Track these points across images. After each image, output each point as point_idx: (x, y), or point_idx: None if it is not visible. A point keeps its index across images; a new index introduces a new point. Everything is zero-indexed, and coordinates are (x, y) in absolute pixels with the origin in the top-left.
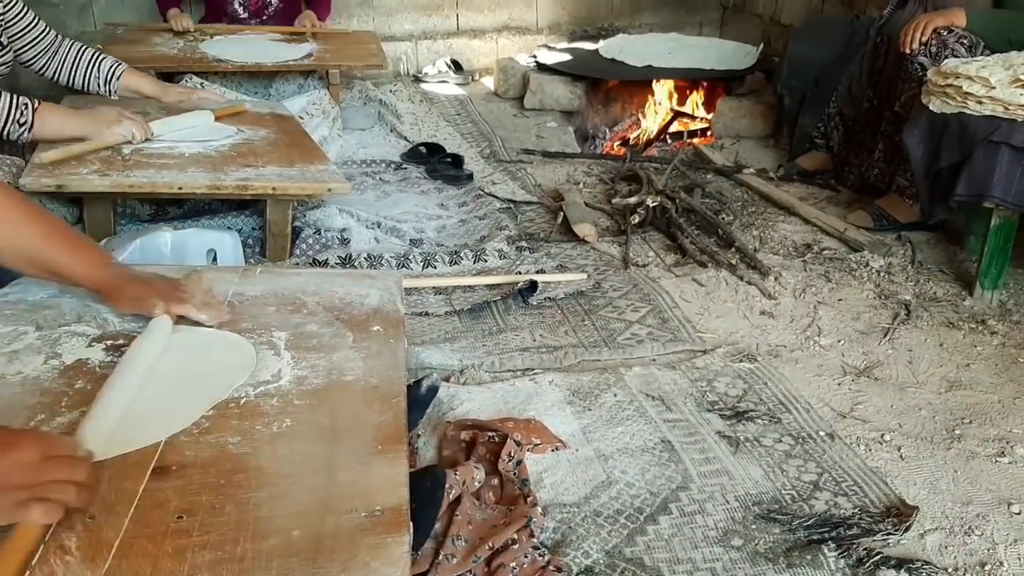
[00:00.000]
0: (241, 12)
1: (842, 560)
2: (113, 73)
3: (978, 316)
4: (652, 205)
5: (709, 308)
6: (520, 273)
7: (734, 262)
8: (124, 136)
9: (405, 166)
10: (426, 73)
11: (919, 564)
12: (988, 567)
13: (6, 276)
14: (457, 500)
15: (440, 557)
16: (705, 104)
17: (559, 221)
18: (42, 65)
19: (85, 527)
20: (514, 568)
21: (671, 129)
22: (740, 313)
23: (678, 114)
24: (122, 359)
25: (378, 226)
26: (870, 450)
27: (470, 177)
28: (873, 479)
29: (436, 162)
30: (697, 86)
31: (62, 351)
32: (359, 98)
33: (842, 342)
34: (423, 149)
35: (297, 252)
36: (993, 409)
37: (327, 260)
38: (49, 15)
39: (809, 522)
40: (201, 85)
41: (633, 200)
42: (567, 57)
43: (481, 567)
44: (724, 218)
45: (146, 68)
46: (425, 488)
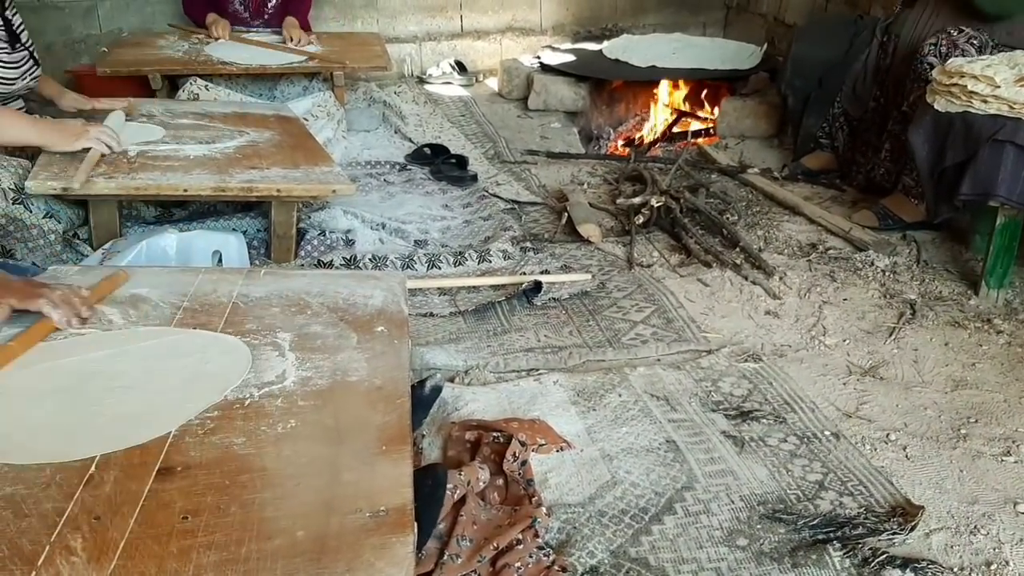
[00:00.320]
0: (242, 12)
1: (847, 560)
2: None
3: (984, 315)
4: (656, 205)
5: (714, 308)
6: (524, 274)
7: (739, 262)
8: (95, 147)
9: (409, 167)
10: (430, 74)
11: (925, 564)
12: (994, 566)
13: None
14: (462, 500)
15: (445, 557)
16: (709, 104)
17: (563, 222)
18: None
19: (91, 528)
20: (519, 568)
21: (675, 129)
22: (745, 313)
23: (682, 114)
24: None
25: (383, 227)
26: (875, 450)
27: (474, 178)
28: (878, 479)
29: (440, 163)
30: (701, 86)
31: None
32: (363, 100)
33: (847, 341)
34: (427, 150)
35: (302, 253)
36: (999, 408)
37: (332, 261)
38: (54, 18)
39: (814, 522)
40: (206, 87)
41: (637, 200)
42: (571, 58)
43: (486, 567)
44: (728, 218)
45: (152, 71)
46: (426, 487)
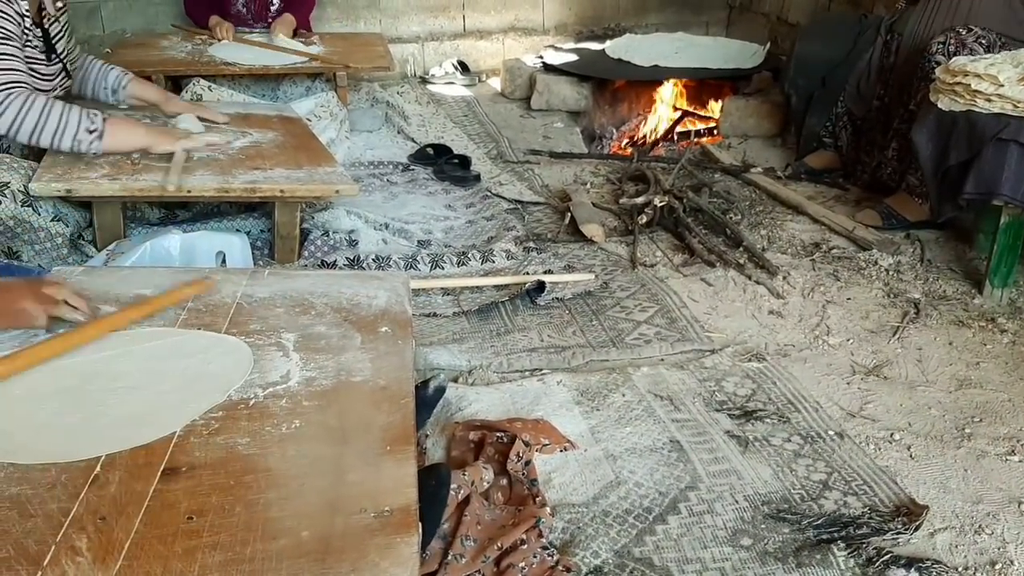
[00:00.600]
0: (245, 14)
1: (852, 560)
2: (120, 82)
3: (988, 314)
4: (660, 205)
5: (717, 308)
6: (528, 274)
7: (742, 261)
8: (198, 146)
9: (412, 167)
10: (433, 74)
11: (929, 563)
12: (999, 566)
13: (18, 276)
14: (466, 500)
15: (449, 557)
16: (712, 103)
17: (566, 221)
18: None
19: (96, 528)
20: (523, 568)
21: (678, 129)
22: (748, 312)
23: (685, 113)
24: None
25: (386, 227)
26: (880, 449)
27: (477, 178)
28: (883, 478)
29: (443, 163)
30: (704, 85)
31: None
32: (366, 100)
33: (851, 341)
34: (430, 150)
35: (305, 254)
36: (1003, 408)
37: (335, 262)
38: None
39: (819, 521)
40: (209, 88)
41: (640, 200)
42: (573, 57)
43: (490, 567)
44: (732, 217)
45: (155, 71)
46: (430, 487)
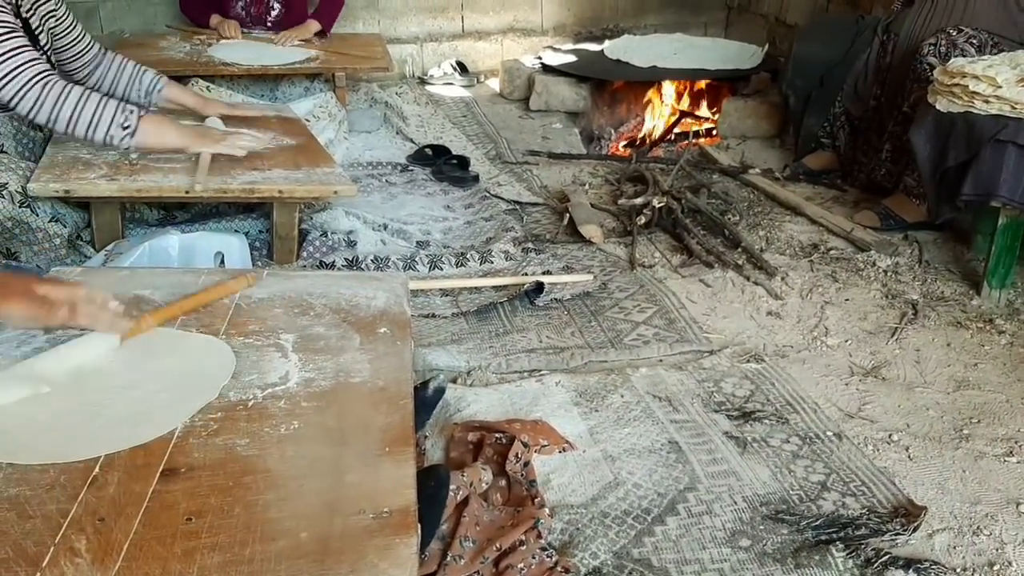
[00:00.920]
0: (244, 18)
1: (850, 560)
2: (155, 86)
3: (986, 315)
4: (658, 206)
5: (716, 309)
6: (526, 274)
7: (740, 262)
8: (235, 152)
9: (411, 168)
10: (432, 75)
11: (927, 564)
12: (997, 567)
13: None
14: (465, 501)
15: (448, 558)
16: (710, 104)
17: (565, 222)
18: (84, 76)
19: (95, 529)
20: (522, 569)
21: (676, 130)
22: (747, 313)
23: (684, 114)
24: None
25: (384, 228)
26: (878, 450)
27: (476, 179)
28: (881, 479)
29: (442, 164)
30: (703, 86)
31: None
32: (365, 100)
33: (849, 342)
34: (429, 151)
35: (304, 254)
36: (1001, 409)
37: (334, 262)
38: None
39: (817, 522)
40: (207, 88)
41: (639, 201)
42: (572, 58)
43: (489, 568)
44: (730, 218)
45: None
46: (429, 488)
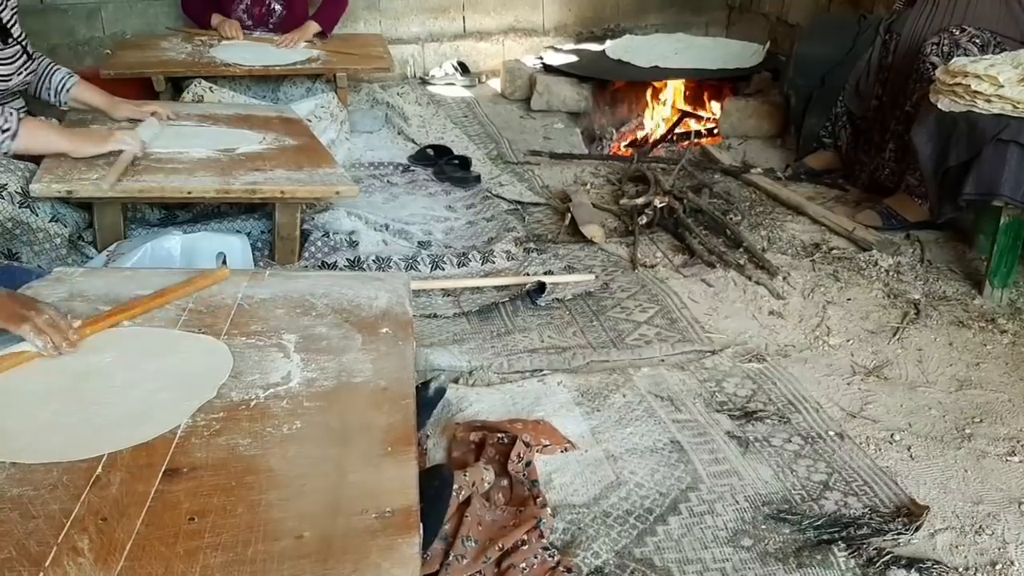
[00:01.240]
0: (245, 19)
1: (852, 560)
2: (64, 85)
3: (988, 315)
4: (660, 206)
5: (717, 308)
6: (528, 274)
7: (742, 262)
8: (127, 148)
9: (413, 168)
10: (433, 75)
11: (930, 564)
12: (999, 566)
13: (19, 277)
14: (467, 501)
15: (450, 558)
16: (712, 104)
17: (567, 222)
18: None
19: (98, 529)
20: (524, 569)
21: (678, 129)
22: (749, 313)
23: (685, 114)
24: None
25: (386, 228)
26: (880, 450)
27: (477, 179)
28: (883, 479)
29: (443, 164)
30: (704, 86)
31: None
32: (366, 101)
33: (851, 342)
34: (430, 151)
35: (306, 255)
36: (1003, 408)
37: (336, 263)
38: (58, 21)
39: (819, 522)
40: (210, 89)
41: (641, 201)
42: (573, 58)
43: (491, 568)
44: (732, 218)
45: (156, 73)
46: (432, 488)
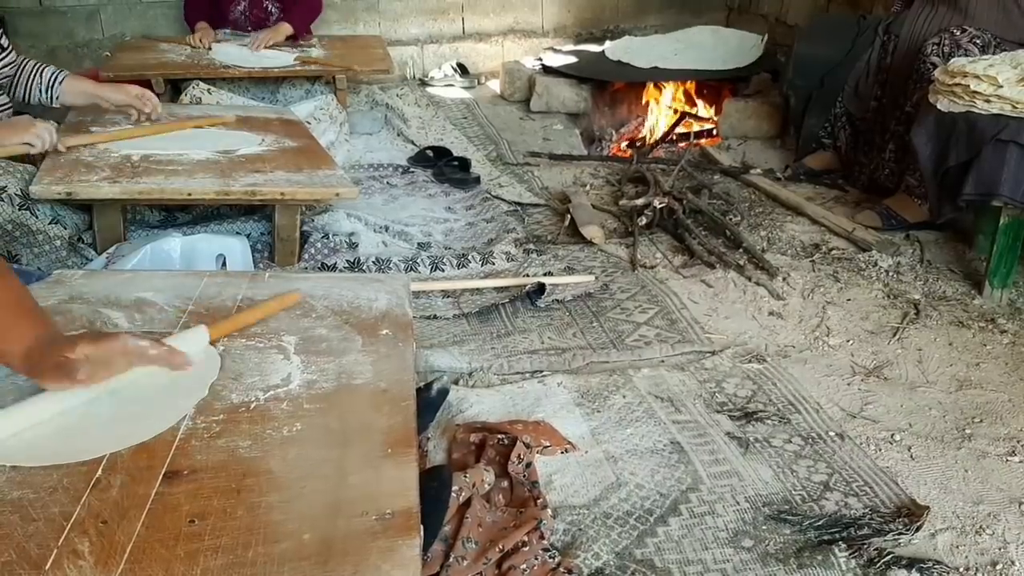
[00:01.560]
0: (243, 22)
1: (853, 560)
2: (55, 79)
3: (988, 315)
4: (659, 206)
5: (717, 309)
6: (528, 276)
7: (742, 263)
8: (32, 143)
9: (412, 170)
10: (432, 77)
11: (930, 564)
12: (1000, 566)
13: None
14: (467, 502)
15: (451, 559)
16: (711, 105)
17: (566, 223)
18: (5, 85)
19: (98, 532)
20: (524, 570)
21: (677, 130)
22: (748, 314)
23: (684, 115)
24: None
25: (386, 230)
26: (880, 450)
27: (477, 180)
28: (883, 479)
29: (443, 165)
30: (703, 87)
31: None
32: (366, 102)
33: (851, 342)
34: (430, 153)
35: (306, 256)
36: (1004, 408)
37: (335, 264)
38: (57, 23)
39: (820, 523)
40: (208, 91)
41: (640, 202)
42: (573, 59)
43: (491, 569)
44: (732, 219)
45: (155, 75)
46: (432, 489)
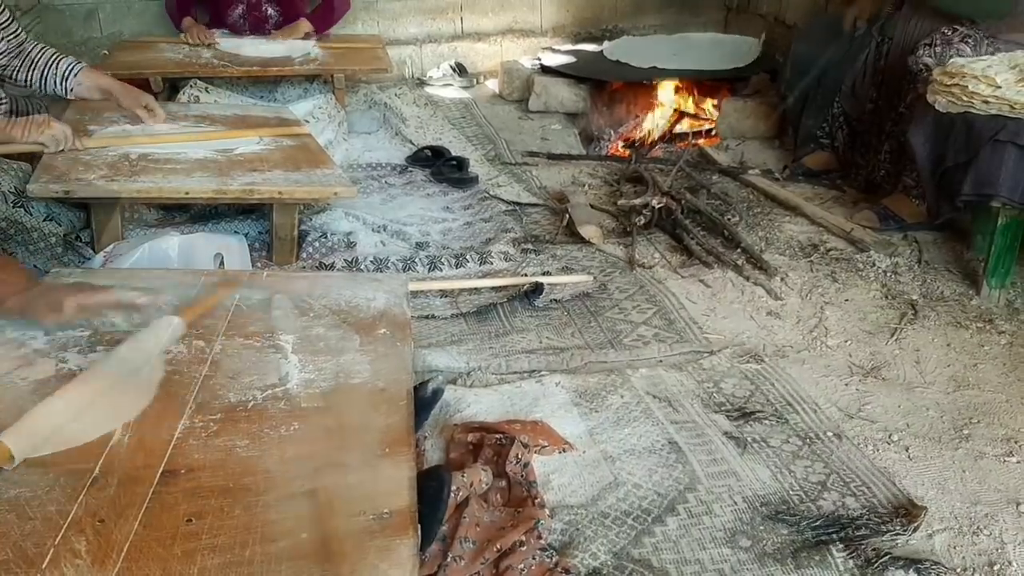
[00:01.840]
0: (241, 25)
1: (851, 560)
2: (71, 71)
3: (985, 315)
4: (657, 206)
5: (715, 309)
6: (525, 275)
7: (740, 263)
8: (47, 144)
9: (410, 169)
10: (431, 76)
11: (928, 564)
12: (997, 567)
13: None
14: (464, 502)
15: (448, 559)
16: (709, 105)
17: (564, 223)
18: (4, 64)
19: (95, 530)
20: (522, 570)
21: (676, 130)
22: (746, 314)
23: (682, 115)
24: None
25: (384, 229)
26: (878, 450)
27: (475, 180)
28: (881, 479)
29: (441, 165)
30: (701, 87)
31: (68, 356)
32: (364, 102)
33: (849, 342)
34: (428, 152)
35: (303, 256)
36: (1001, 408)
37: (333, 263)
38: (55, 21)
39: (817, 522)
40: (206, 90)
41: (638, 201)
42: (571, 59)
43: (489, 569)
44: (729, 219)
45: (153, 74)
46: (430, 489)
